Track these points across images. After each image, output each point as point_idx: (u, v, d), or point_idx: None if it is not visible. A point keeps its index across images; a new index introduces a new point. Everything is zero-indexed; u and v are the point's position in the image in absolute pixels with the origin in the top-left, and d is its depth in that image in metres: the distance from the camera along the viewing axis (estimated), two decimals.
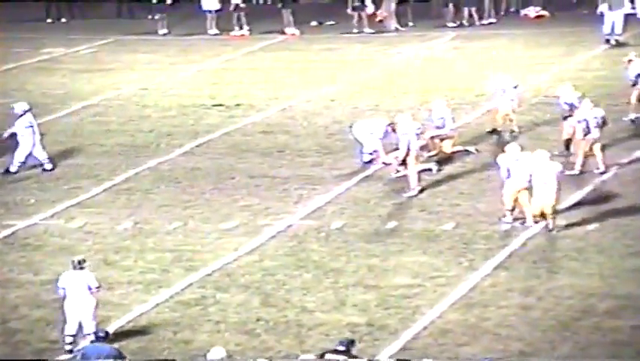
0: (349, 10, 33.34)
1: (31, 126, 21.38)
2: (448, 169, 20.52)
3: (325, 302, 15.51)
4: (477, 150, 21.38)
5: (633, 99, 22.62)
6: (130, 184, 20.80)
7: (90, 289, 14.43)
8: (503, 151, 18.16)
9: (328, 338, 14.46)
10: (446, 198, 19.22)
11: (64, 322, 14.46)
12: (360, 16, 33.33)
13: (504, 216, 17.58)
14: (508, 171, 17.44)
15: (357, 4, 33.31)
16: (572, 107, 20.65)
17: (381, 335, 14.50)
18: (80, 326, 14.41)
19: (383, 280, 16.10)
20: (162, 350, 14.34)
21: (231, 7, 34.05)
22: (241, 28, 33.80)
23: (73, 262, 14.64)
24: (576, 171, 19.65)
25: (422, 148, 19.88)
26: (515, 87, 22.27)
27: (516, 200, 17.49)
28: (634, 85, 22.59)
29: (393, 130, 19.97)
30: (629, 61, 22.91)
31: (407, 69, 28.72)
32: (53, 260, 16.89)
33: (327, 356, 12.53)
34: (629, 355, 13.73)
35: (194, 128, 24.10)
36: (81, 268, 14.56)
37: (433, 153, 20.90)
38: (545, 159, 17.36)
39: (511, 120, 22.21)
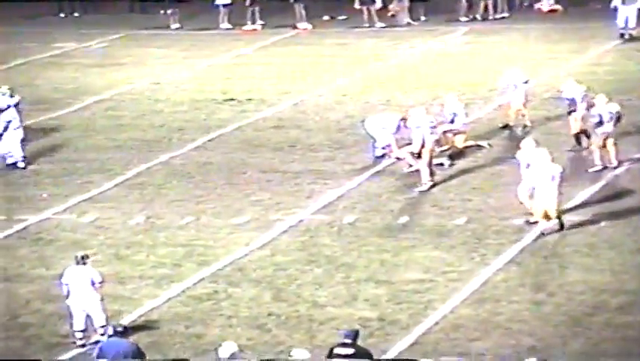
0: (357, 5, 33.30)
1: (9, 122, 21.35)
2: (460, 164, 20.50)
3: (337, 297, 15.52)
4: (489, 144, 21.36)
5: None
6: (142, 179, 20.84)
7: (94, 284, 14.45)
8: (518, 147, 18.13)
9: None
10: (458, 193, 19.20)
11: (71, 318, 14.49)
12: (369, 11, 33.29)
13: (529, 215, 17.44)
14: (529, 166, 17.34)
15: None
16: (573, 102, 20.62)
17: (392, 329, 14.51)
18: (91, 321, 14.45)
19: (395, 275, 16.10)
20: (174, 344, 14.37)
21: (247, 2, 34.08)
22: (254, 22, 33.81)
23: (76, 257, 14.67)
24: (599, 167, 19.60)
25: (435, 143, 19.84)
26: (526, 82, 22.23)
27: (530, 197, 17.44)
28: None
29: (406, 125, 19.97)
30: None
31: (419, 64, 28.67)
32: (65, 255, 16.92)
33: (336, 350, 12.52)
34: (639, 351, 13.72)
35: (206, 123, 24.12)
36: (84, 264, 14.58)
37: (445, 147, 20.89)
38: (547, 159, 17.31)
39: (523, 115, 22.19)
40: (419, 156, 19.34)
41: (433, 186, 19.29)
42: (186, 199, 19.61)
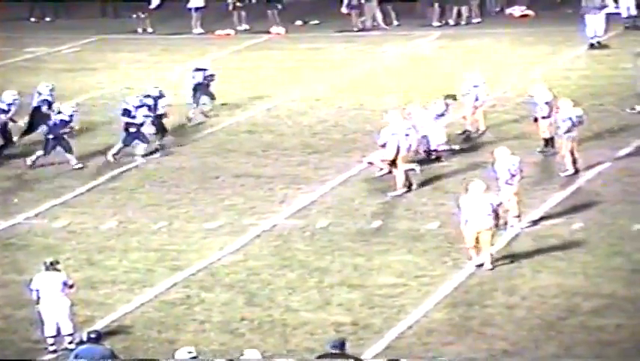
0: (344, 9, 33.25)
1: None
2: (433, 169, 20.52)
3: (310, 302, 15.50)
4: (460, 148, 21.32)
5: None
6: (115, 183, 20.75)
7: (64, 290, 14.35)
8: (490, 151, 18.17)
9: (313, 338, 14.46)
10: (431, 197, 19.22)
11: (42, 324, 14.39)
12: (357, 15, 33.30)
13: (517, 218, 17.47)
14: (509, 173, 17.35)
15: (354, 2, 33.26)
16: (545, 106, 20.67)
17: (365, 334, 14.50)
18: (59, 328, 14.35)
19: (368, 280, 16.10)
20: (147, 349, 14.30)
21: (230, 7, 34.07)
22: (240, 25, 33.84)
23: (45, 263, 14.57)
24: (571, 171, 19.68)
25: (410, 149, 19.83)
26: (476, 86, 22.06)
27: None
28: None
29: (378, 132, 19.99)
30: (639, 53, 22.95)
31: (392, 68, 28.71)
32: (37, 260, 16.77)
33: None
34: (613, 354, 13.75)
35: (179, 128, 24.03)
36: (54, 270, 14.48)
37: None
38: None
39: (477, 120, 22.13)
40: (394, 162, 19.35)
41: (407, 191, 19.30)
42: (159, 204, 19.54)
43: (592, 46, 29.05)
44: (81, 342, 13.60)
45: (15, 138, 22.69)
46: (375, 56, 30.23)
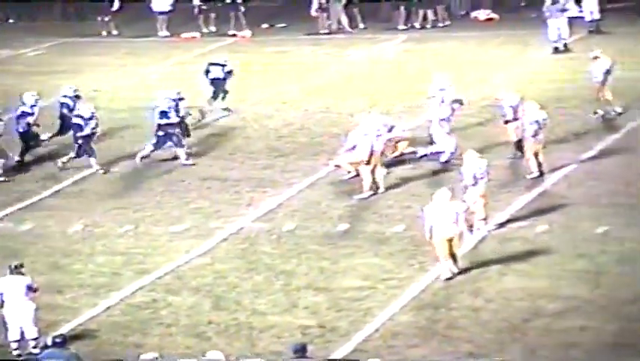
0: (314, 12, 33.29)
1: None
2: (399, 171, 20.60)
3: (276, 305, 15.52)
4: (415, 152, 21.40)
5: (609, 95, 22.87)
6: (80, 187, 20.68)
7: (28, 294, 14.28)
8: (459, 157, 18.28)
9: (279, 341, 14.48)
10: (397, 200, 19.30)
11: (6, 328, 14.32)
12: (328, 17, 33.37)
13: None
14: (474, 177, 17.45)
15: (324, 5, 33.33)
16: (513, 110, 20.81)
17: (332, 337, 14.54)
18: (22, 332, 14.28)
19: (334, 283, 16.14)
20: (113, 353, 14.26)
21: (196, 10, 34.03)
22: (207, 27, 33.81)
23: (10, 266, 14.50)
24: (536, 173, 19.83)
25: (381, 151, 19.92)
26: (442, 90, 22.15)
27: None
28: (601, 82, 22.85)
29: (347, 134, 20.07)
30: (595, 58, 23.13)
31: (358, 71, 28.78)
32: (2, 263, 16.68)
33: None
34: (577, 356, 13.87)
35: (144, 131, 23.97)
36: (18, 273, 14.41)
37: (395, 154, 20.94)
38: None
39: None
40: (368, 163, 19.41)
41: (374, 194, 19.37)
42: (125, 207, 19.50)
43: (556, 50, 29.25)
44: (46, 346, 13.55)
45: (45, 136, 22.33)
46: (342, 59, 30.29)
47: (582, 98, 24.24)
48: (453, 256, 15.95)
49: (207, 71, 24.83)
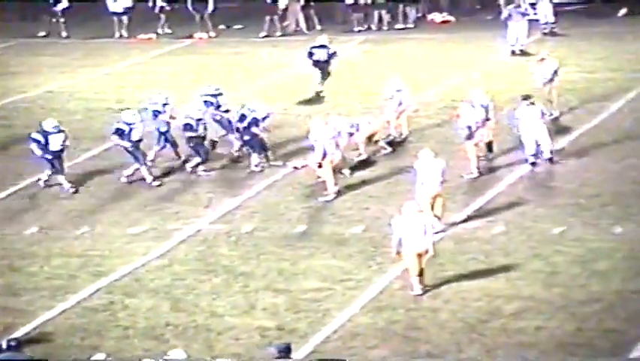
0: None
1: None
2: (357, 173, 20.63)
3: (235, 306, 15.49)
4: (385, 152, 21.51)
5: (553, 97, 23.06)
6: (36, 189, 20.52)
7: None
8: (415, 155, 18.34)
9: (238, 343, 14.46)
10: (355, 201, 19.33)
11: None
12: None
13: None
14: (434, 176, 17.49)
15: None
16: (484, 110, 20.92)
17: (290, 338, 14.52)
18: None
19: (293, 284, 16.14)
20: (69, 356, 14.16)
21: (156, 9, 33.87)
22: (163, 29, 33.67)
23: None
24: (475, 174, 19.96)
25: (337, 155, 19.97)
26: (399, 90, 22.20)
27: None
28: (549, 82, 23.05)
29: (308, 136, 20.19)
30: (542, 59, 23.31)
31: (316, 73, 28.77)
32: None
33: None
34: (533, 356, 13.97)
35: (101, 132, 23.85)
36: None
37: (363, 156, 20.99)
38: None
39: (399, 125, 22.32)
40: (320, 166, 19.45)
41: (337, 196, 19.35)
42: (82, 209, 19.38)
43: (513, 52, 29.46)
44: (0, 350, 13.42)
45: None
46: (300, 61, 30.31)
47: (537, 100, 24.39)
48: (421, 271, 15.60)
49: (310, 54, 24.82)
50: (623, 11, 32.92)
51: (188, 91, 27.12)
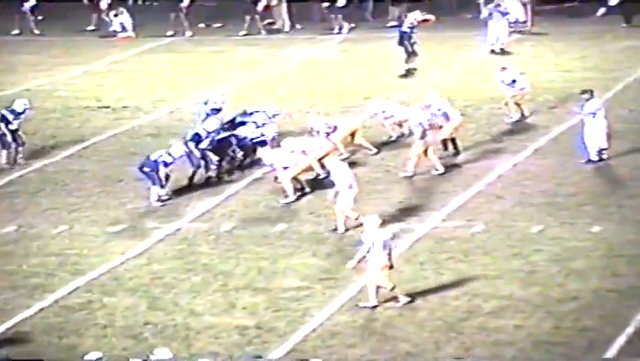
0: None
1: None
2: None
3: (214, 305, 15.47)
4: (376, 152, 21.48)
5: (511, 103, 23.22)
6: (14, 187, 20.44)
7: None
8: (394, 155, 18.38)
9: (217, 342, 14.44)
10: (334, 201, 19.31)
11: None
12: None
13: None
14: (346, 183, 17.58)
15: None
16: (444, 114, 20.96)
17: (269, 337, 14.52)
18: None
19: (272, 283, 16.13)
20: (47, 356, 14.10)
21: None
22: (127, 29, 33.53)
23: None
24: (410, 173, 20.03)
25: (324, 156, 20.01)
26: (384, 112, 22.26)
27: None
28: (508, 88, 23.24)
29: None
30: (503, 68, 23.60)
31: (296, 72, 28.80)
32: None
33: None
34: (511, 354, 14.02)
35: (80, 131, 23.79)
36: None
37: (344, 156, 21.00)
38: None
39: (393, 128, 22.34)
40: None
41: (299, 197, 19.28)
42: (60, 208, 19.30)
43: (493, 51, 29.55)
44: None
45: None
46: (279, 59, 30.29)
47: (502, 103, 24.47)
48: (370, 288, 15.17)
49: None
50: (601, 11, 33.05)
51: (168, 89, 27.08)
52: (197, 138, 20.30)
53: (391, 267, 15.24)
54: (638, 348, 13.99)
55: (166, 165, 19.30)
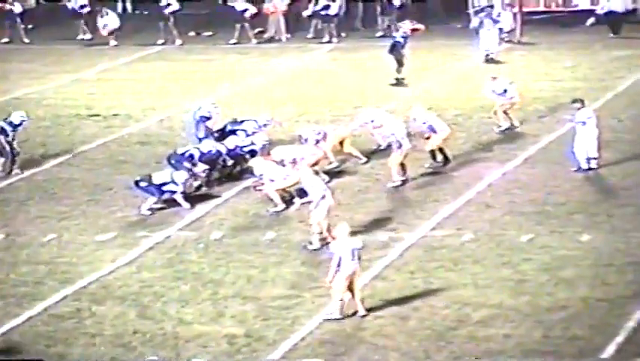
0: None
1: None
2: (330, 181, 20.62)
3: (203, 314, 15.44)
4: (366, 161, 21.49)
5: (500, 112, 23.27)
6: (3, 195, 20.41)
7: None
8: (384, 164, 18.37)
9: (206, 350, 14.41)
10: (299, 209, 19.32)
11: None
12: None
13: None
14: (318, 194, 17.53)
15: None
16: (430, 127, 20.95)
17: (259, 346, 14.51)
18: None
19: (262, 291, 16.12)
20: None
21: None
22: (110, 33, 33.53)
23: None
24: (398, 182, 20.04)
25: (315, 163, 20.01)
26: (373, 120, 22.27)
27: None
28: (498, 98, 23.30)
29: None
30: (494, 78, 23.65)
31: (286, 80, 28.81)
32: None
33: None
34: None
35: (70, 139, 23.77)
36: None
37: (334, 165, 21.01)
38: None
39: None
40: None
41: (287, 206, 19.29)
42: (49, 216, 19.27)
43: (487, 60, 29.61)
44: None
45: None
46: (269, 68, 30.31)
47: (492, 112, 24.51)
48: (352, 292, 15.11)
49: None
50: (591, 20, 33.16)
51: (158, 97, 27.08)
52: (190, 160, 20.24)
53: (354, 274, 14.97)
54: (627, 357, 14.00)
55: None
